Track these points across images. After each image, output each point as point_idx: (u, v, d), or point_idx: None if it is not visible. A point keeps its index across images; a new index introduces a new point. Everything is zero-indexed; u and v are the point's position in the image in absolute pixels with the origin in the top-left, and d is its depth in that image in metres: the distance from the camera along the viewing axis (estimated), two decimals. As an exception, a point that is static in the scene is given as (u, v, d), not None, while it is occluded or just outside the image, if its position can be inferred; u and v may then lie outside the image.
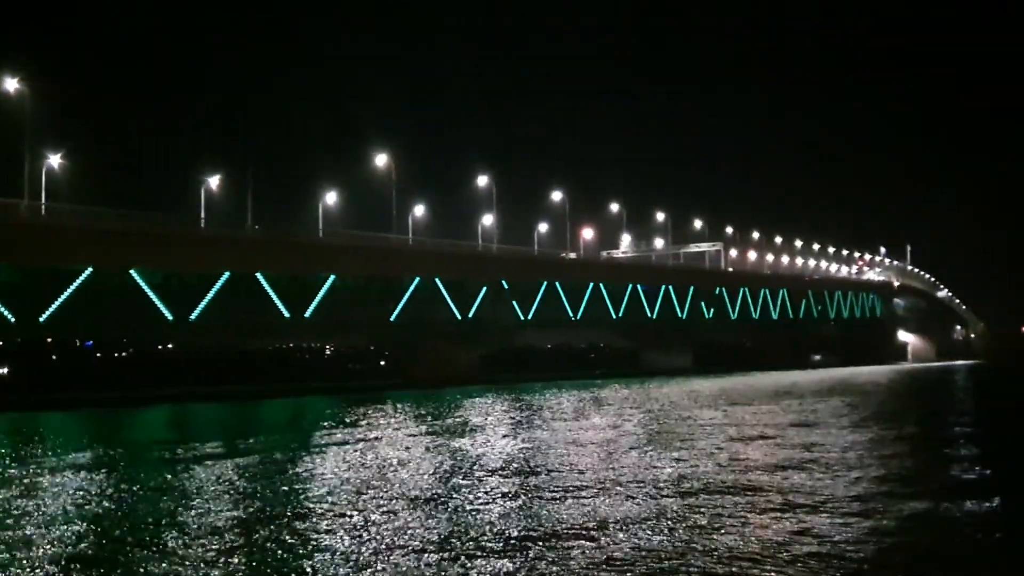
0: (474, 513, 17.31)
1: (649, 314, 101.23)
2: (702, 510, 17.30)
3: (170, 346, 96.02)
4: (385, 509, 17.81)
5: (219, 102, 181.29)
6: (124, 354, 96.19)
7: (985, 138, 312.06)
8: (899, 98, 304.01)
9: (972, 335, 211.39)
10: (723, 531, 15.41)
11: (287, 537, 15.45)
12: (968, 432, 34.38)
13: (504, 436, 32.63)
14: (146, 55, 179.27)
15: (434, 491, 19.90)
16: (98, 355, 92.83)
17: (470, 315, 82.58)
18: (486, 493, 19.54)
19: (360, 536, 15.36)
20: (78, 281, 58.09)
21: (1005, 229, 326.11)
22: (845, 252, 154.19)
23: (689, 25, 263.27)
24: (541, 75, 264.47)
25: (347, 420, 40.72)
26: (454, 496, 19.21)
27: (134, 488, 21.59)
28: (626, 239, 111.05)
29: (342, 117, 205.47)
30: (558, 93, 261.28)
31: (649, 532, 15.39)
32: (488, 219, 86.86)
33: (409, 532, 15.58)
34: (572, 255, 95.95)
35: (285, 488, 20.89)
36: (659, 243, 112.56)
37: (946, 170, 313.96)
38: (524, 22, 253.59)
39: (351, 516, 17.17)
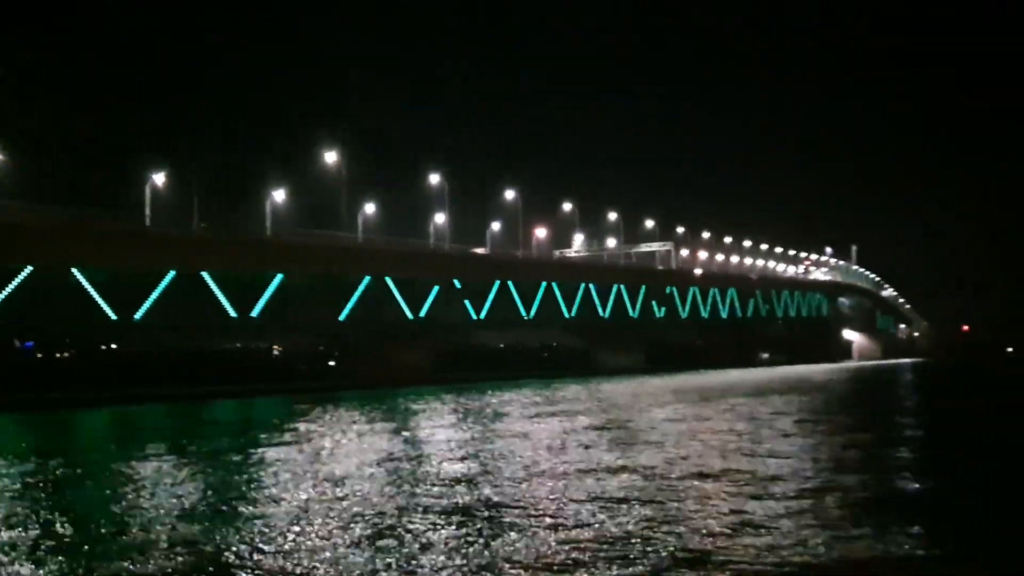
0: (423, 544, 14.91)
1: (601, 313, 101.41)
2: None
3: (114, 347, 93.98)
4: (316, 530, 16.11)
5: (171, 99, 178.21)
6: (66, 355, 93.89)
7: (933, 141, 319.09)
8: (853, 100, 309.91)
9: (916, 334, 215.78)
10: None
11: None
12: (916, 430, 34.84)
13: (455, 441, 32.15)
14: (104, 47, 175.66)
15: (377, 509, 17.68)
16: (39, 356, 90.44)
17: (421, 314, 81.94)
18: (435, 514, 17.21)
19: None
20: (17, 280, 56.40)
21: (947, 229, 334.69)
22: (792, 252, 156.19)
23: (660, 25, 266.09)
24: (489, 72, 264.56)
25: (289, 424, 39.17)
26: (400, 517, 16.84)
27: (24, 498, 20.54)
28: (578, 238, 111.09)
29: (307, 114, 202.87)
30: (528, 93, 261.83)
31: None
32: (440, 217, 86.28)
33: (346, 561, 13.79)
34: (480, 250, 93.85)
35: (212, 500, 19.90)
36: (611, 242, 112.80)
37: (892, 173, 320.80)
38: (498, 21, 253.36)
39: (282, 546, 14.98)
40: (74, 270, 59.43)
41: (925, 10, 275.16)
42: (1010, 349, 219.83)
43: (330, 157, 77.79)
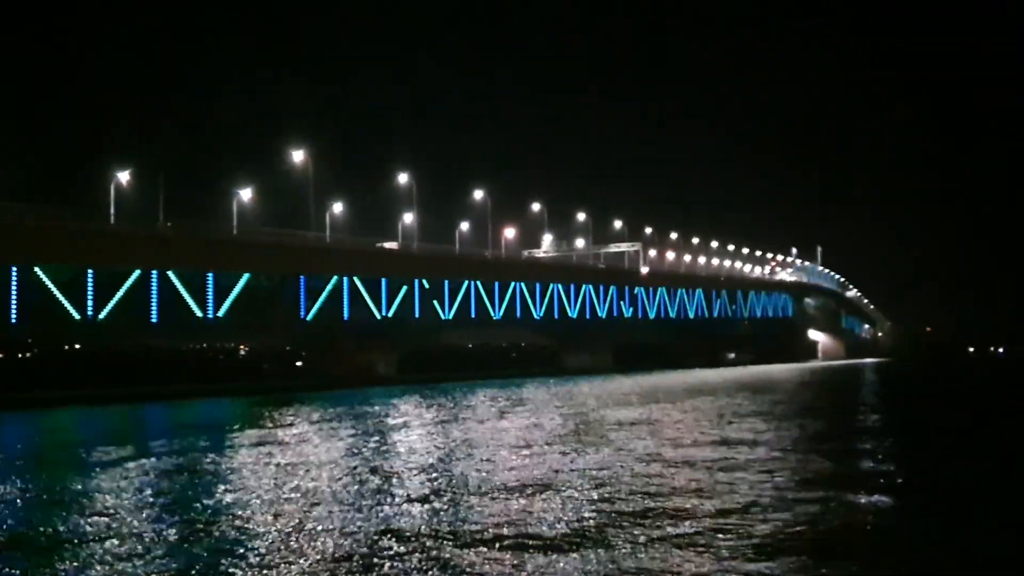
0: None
1: (570, 313, 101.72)
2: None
3: (77, 346, 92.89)
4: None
5: (138, 95, 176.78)
6: (28, 355, 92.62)
7: (898, 144, 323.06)
8: (819, 104, 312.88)
9: (880, 334, 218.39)
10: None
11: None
12: (875, 426, 35.40)
13: (422, 450, 32.13)
14: (68, 44, 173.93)
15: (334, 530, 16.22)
16: (0, 356, 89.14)
17: (389, 314, 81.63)
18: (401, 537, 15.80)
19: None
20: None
21: (912, 232, 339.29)
22: (758, 253, 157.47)
23: (632, 32, 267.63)
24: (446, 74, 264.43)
25: (251, 429, 38.63)
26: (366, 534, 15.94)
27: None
28: (547, 239, 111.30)
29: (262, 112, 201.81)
30: (500, 96, 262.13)
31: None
32: (409, 217, 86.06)
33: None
34: (392, 245, 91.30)
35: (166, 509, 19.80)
36: (580, 243, 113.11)
37: (857, 175, 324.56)
38: (474, 25, 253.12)
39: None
40: (36, 269, 58.62)
41: (891, 17, 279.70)
42: (972, 349, 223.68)
43: (298, 156, 77.23)
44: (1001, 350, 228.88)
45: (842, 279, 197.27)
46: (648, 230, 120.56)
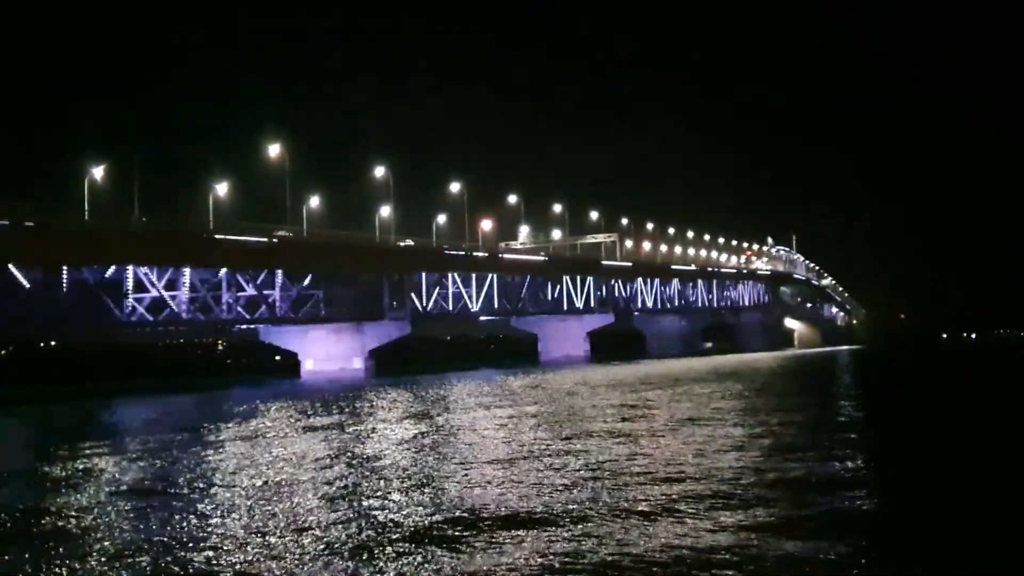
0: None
1: (548, 304, 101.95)
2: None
3: (52, 343, 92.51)
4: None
5: (111, 91, 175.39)
6: (3, 352, 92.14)
7: (863, 132, 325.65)
8: (786, 90, 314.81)
9: (855, 321, 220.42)
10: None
11: None
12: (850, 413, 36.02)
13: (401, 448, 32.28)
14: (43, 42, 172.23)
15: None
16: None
17: (365, 308, 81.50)
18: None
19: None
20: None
21: (886, 220, 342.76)
22: (735, 242, 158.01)
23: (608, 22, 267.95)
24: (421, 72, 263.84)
25: (225, 422, 38.91)
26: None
27: None
28: (524, 230, 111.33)
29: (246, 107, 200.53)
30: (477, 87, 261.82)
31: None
32: (386, 210, 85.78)
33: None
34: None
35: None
36: (557, 234, 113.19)
37: (831, 165, 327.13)
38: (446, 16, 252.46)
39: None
40: (10, 267, 58.10)
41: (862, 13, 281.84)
42: (945, 335, 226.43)
43: (275, 150, 76.65)
44: (974, 335, 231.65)
45: (818, 267, 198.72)
46: (624, 221, 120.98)
